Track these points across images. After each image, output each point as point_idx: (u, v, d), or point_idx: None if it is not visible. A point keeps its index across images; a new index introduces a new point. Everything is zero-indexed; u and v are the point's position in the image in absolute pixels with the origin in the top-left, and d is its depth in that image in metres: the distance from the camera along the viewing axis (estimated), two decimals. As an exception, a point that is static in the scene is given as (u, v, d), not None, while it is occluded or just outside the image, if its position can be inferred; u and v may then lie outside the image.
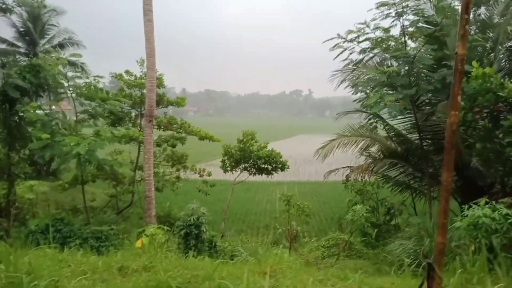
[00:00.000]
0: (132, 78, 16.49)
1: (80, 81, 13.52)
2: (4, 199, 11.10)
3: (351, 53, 11.64)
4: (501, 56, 12.32)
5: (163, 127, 16.90)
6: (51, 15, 29.79)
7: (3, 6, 26.10)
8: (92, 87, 13.48)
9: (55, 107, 15.58)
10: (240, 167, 15.70)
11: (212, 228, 10.51)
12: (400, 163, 13.01)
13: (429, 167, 11.80)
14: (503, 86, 8.05)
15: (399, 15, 11.05)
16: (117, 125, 15.30)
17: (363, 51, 11.75)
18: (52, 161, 24.34)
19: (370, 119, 15.15)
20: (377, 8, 11.20)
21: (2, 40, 27.92)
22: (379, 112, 12.49)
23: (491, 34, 12.61)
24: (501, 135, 8.49)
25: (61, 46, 29.22)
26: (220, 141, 16.92)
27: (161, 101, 16.39)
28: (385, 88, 10.32)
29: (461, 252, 6.13)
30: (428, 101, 12.10)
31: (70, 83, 12.63)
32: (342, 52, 11.56)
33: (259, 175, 16.02)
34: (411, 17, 11.35)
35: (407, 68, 10.10)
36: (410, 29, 11.19)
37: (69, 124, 11.96)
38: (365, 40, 12.08)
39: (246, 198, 25.80)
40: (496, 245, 6.06)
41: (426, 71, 9.99)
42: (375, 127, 15.10)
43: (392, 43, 12.52)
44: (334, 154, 14.55)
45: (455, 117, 3.55)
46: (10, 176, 11.11)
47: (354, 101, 14.57)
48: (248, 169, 15.69)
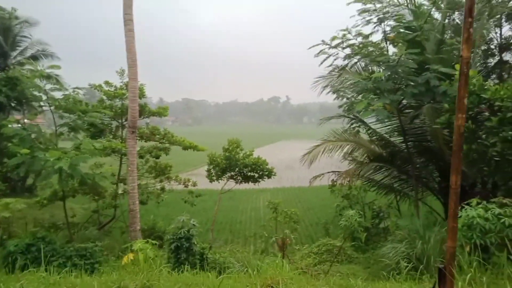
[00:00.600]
0: (112, 89, 16.07)
1: (58, 93, 13.07)
2: (-21, 219, 10.48)
3: (335, 59, 11.74)
4: (478, 59, 12.76)
5: (145, 138, 16.51)
6: (23, 26, 28.81)
7: (-29, 18, 25.20)
8: (71, 99, 13.03)
9: (30, 120, 14.95)
10: (226, 175, 15.49)
11: (199, 240, 10.26)
12: (385, 166, 13.18)
13: (415, 169, 11.99)
14: (485, 88, 8.29)
15: (380, 21, 11.29)
16: (97, 137, 14.82)
17: (347, 57, 11.89)
18: (27, 177, 23.40)
19: (352, 124, 15.35)
20: (359, 14, 11.42)
21: (-30, 52, 26.74)
22: (361, 116, 12.66)
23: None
24: (484, 135, 8.71)
25: (34, 58, 28.24)
26: (205, 150, 16.67)
27: (142, 111, 16.02)
28: (370, 94, 10.44)
29: (457, 253, 6.20)
30: (411, 104, 12.33)
31: (48, 95, 12.17)
32: (327, 58, 11.66)
33: (245, 183, 15.85)
34: (392, 22, 11.63)
35: (391, 73, 10.26)
36: (392, 34, 11.43)
37: (48, 138, 11.45)
38: (348, 46, 12.28)
39: (230, 206, 25.50)
40: (490, 244, 6.16)
41: (410, 75, 10.16)
42: (358, 132, 15.30)
43: (372, 49, 12.76)
44: (317, 160, 14.61)
45: (462, 120, 3.55)
46: (-15, 194, 10.51)
47: (340, 106, 14.71)
48: (234, 177, 15.50)
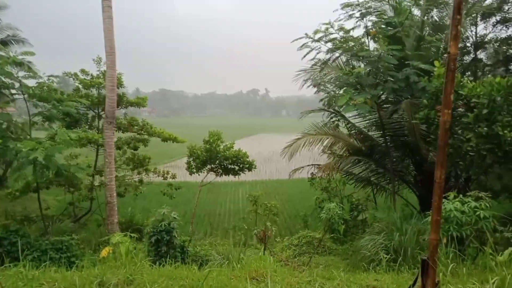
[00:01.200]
0: (88, 78, 15.57)
1: (31, 81, 12.53)
2: None
3: (318, 53, 11.79)
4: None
5: (123, 128, 16.13)
6: (-10, 10, 27.33)
7: None
8: (46, 87, 12.52)
9: (1, 109, 14.30)
10: (207, 168, 15.37)
11: (179, 232, 10.17)
12: (364, 160, 13.43)
13: (392, 163, 12.28)
14: (463, 85, 8.54)
15: (363, 15, 11.39)
16: (73, 127, 14.35)
17: (330, 51, 11.96)
18: (-4, 168, 22.47)
19: (332, 118, 15.53)
20: (342, 8, 11.48)
21: None
22: (343, 111, 12.82)
23: (443, 35, 13.37)
24: (460, 131, 8.99)
25: (4, 43, 26.88)
26: (185, 142, 16.47)
27: (120, 101, 15.61)
28: (351, 88, 10.56)
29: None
30: (389, 99, 12.57)
31: (21, 83, 11.65)
32: (309, 52, 11.69)
33: (226, 175, 15.80)
34: (373, 18, 11.76)
35: (372, 69, 10.40)
36: (373, 30, 11.57)
37: (20, 127, 10.98)
38: (330, 41, 12.35)
39: (209, 199, 25.42)
40: (465, 236, 6.40)
41: (390, 71, 10.34)
42: (338, 126, 15.50)
43: (353, 44, 12.89)
44: (298, 153, 14.73)
45: (448, 116, 3.62)
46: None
47: (321, 100, 14.82)
48: (215, 170, 15.41)
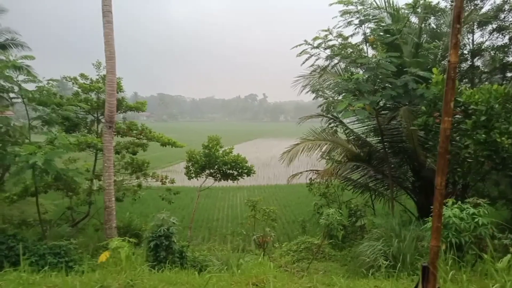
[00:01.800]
0: (88, 82, 15.58)
1: (31, 85, 12.54)
2: None
3: (317, 59, 11.88)
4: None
5: (122, 133, 16.12)
6: (-11, 14, 27.34)
7: None
8: (45, 91, 12.54)
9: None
10: (205, 173, 15.37)
11: (178, 238, 10.16)
12: (362, 165, 13.47)
13: (390, 169, 12.33)
14: (461, 92, 8.62)
15: (361, 23, 11.50)
16: (72, 131, 14.34)
17: (329, 57, 12.05)
18: (-6, 172, 22.35)
19: (330, 123, 15.61)
20: (341, 16, 11.59)
21: None
22: (342, 117, 12.88)
23: (440, 43, 13.50)
24: (458, 137, 9.06)
25: (3, 47, 26.88)
26: (184, 147, 16.48)
27: (119, 106, 15.63)
28: (350, 95, 10.63)
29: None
30: (388, 106, 12.65)
31: (20, 87, 11.67)
32: (309, 58, 11.78)
33: (224, 181, 15.80)
34: (372, 25, 11.87)
35: (371, 75, 10.48)
36: (372, 37, 11.67)
37: (19, 131, 10.98)
38: (328, 47, 12.46)
39: (207, 204, 25.39)
40: (464, 243, 6.43)
41: (389, 77, 10.43)
42: (336, 131, 15.58)
43: (351, 50, 13.00)
44: (296, 158, 14.78)
45: (448, 123, 3.66)
46: (-49, 189, 9.97)
47: (319, 106, 14.89)
48: (214, 175, 15.42)
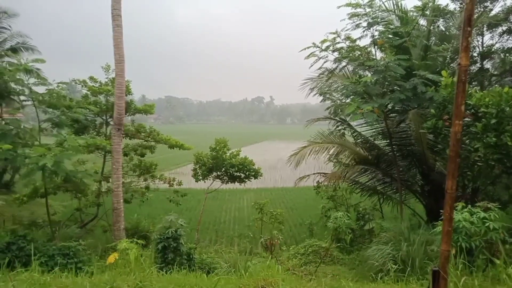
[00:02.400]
0: (97, 85, 15.75)
1: (41, 88, 12.71)
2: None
3: (325, 62, 11.88)
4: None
5: (130, 135, 16.25)
6: (1, 17, 27.79)
7: None
8: (55, 94, 12.70)
9: (11, 115, 14.50)
10: (213, 175, 15.42)
11: (185, 239, 10.19)
12: (370, 169, 13.40)
13: (399, 172, 12.24)
14: (470, 95, 8.55)
15: (370, 25, 11.47)
16: (81, 134, 14.50)
17: (337, 60, 12.04)
18: (4, 173, 22.67)
19: (338, 126, 15.57)
20: (349, 18, 11.57)
21: None
22: (350, 120, 12.85)
23: (449, 45, 13.41)
24: (468, 141, 8.98)
25: (14, 50, 27.30)
26: (191, 149, 16.55)
27: (128, 108, 15.76)
28: (359, 97, 10.61)
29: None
30: (396, 109, 12.59)
31: (31, 90, 11.84)
32: (317, 61, 11.78)
33: (231, 183, 15.83)
34: (380, 27, 11.83)
35: (380, 78, 10.45)
36: (380, 39, 11.64)
37: (29, 133, 11.13)
38: (336, 50, 12.44)
39: (213, 206, 25.41)
40: (474, 248, 6.36)
41: (397, 80, 10.39)
42: (343, 134, 15.53)
43: (359, 53, 12.96)
44: (303, 161, 14.76)
45: (459, 126, 3.64)
46: (-37, 190, 10.12)
47: (327, 109, 14.86)
48: (221, 177, 15.45)
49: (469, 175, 9.13)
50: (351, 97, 11.11)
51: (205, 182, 15.90)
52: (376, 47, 12.72)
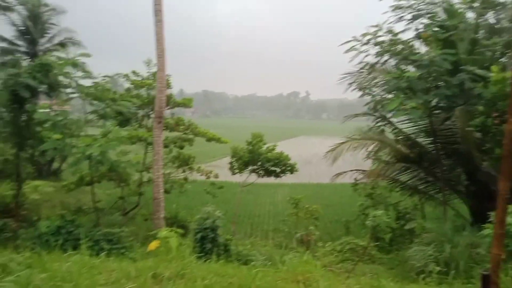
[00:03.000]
0: (139, 79, 16.33)
1: (87, 81, 13.37)
2: (12, 199, 10.90)
3: (366, 56, 11.59)
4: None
5: (170, 128, 16.73)
6: (51, 14, 29.39)
7: (4, 4, 25.90)
8: (100, 87, 13.31)
9: (60, 107, 15.35)
10: (249, 169, 15.57)
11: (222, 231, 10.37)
12: (412, 167, 12.96)
13: (443, 171, 11.76)
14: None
15: (414, 18, 11.05)
16: (124, 125, 15.11)
17: (379, 54, 11.71)
18: (53, 161, 24.11)
19: (378, 122, 15.14)
20: (392, 11, 11.21)
21: (2, 38, 27.54)
22: (393, 116, 12.47)
23: (499, 39, 12.60)
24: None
25: (62, 45, 28.86)
26: (228, 143, 16.79)
27: (168, 102, 16.21)
28: (401, 93, 10.26)
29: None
30: (441, 106, 12.06)
31: (77, 83, 12.49)
32: (357, 55, 11.52)
33: (267, 177, 15.92)
34: (425, 20, 11.37)
35: (424, 73, 10.05)
36: (425, 32, 11.18)
37: (78, 124, 11.77)
38: (377, 44, 12.11)
39: (248, 200, 25.59)
40: (526, 252, 6.00)
41: (443, 75, 9.94)
42: (383, 131, 15.09)
43: (402, 47, 12.53)
44: (342, 157, 14.52)
45: (516, 125, 3.44)
46: (18, 176, 10.91)
47: (366, 104, 14.50)
48: (257, 171, 15.57)
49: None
50: (393, 92, 10.77)
51: (241, 175, 16.09)
52: (420, 40, 12.24)
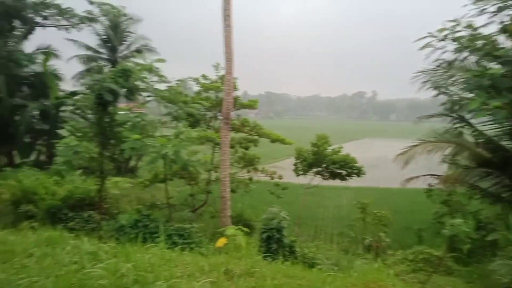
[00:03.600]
0: (208, 82, 17.04)
1: (161, 85, 14.28)
2: (96, 193, 12.01)
3: (443, 53, 10.82)
4: None
5: (236, 129, 17.21)
6: (129, 23, 31.83)
7: (90, 16, 28.71)
8: (173, 91, 14.13)
9: (138, 109, 16.59)
10: (313, 171, 15.41)
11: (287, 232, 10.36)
12: (495, 173, 11.80)
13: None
14: None
15: (500, 9, 10.07)
16: (194, 126, 15.87)
17: (457, 50, 10.87)
18: (130, 159, 26.11)
19: (455, 124, 14.03)
20: (474, 3, 10.33)
21: (87, 47, 30.51)
22: (474, 117, 11.50)
23: None
24: None
25: (138, 51, 31.08)
26: (292, 144, 16.79)
27: (234, 103, 16.69)
28: (484, 92, 9.41)
29: None
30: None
31: (153, 87, 13.37)
32: (433, 52, 10.81)
33: (332, 180, 15.61)
34: (513, 12, 10.30)
35: (510, 69, 9.12)
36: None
37: (154, 125, 12.62)
38: (455, 39, 11.25)
39: (311, 202, 25.26)
40: None
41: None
42: (461, 133, 13.94)
43: (483, 42, 11.47)
44: (413, 161, 13.69)
45: None
46: (102, 172, 11.97)
47: (443, 104, 13.53)
48: (321, 173, 15.35)
49: None
50: (474, 91, 9.91)
51: (305, 177, 15.97)
52: (506, 34, 11.13)
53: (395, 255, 11.09)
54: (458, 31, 11.43)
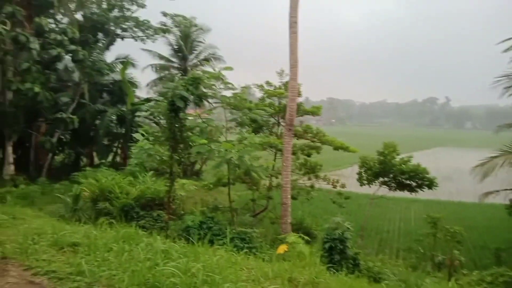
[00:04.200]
0: (272, 89, 17.23)
1: (227, 92, 14.74)
2: (165, 194, 12.71)
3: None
4: None
5: (298, 135, 17.14)
6: (198, 33, 33.44)
7: (164, 28, 30.75)
8: (238, 97, 14.51)
9: (206, 115, 17.31)
10: (379, 180, 14.75)
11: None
12: None
13: None
14: None
15: None
16: (257, 132, 16.14)
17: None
18: (195, 163, 27.32)
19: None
20: None
21: (160, 56, 32.64)
22: None
23: None
24: None
25: (206, 60, 32.50)
26: (357, 152, 16.26)
27: (297, 110, 16.66)
28: None
29: None
30: None
31: (220, 94, 13.85)
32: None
33: (400, 191, 14.80)
34: None
35: None
36: None
37: (220, 131, 13.06)
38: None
39: (376, 213, 24.13)
40: None
41: None
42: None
43: None
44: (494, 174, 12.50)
45: None
46: (171, 174, 12.65)
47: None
48: (388, 183, 14.63)
49: None
50: None
51: (370, 186, 15.35)
52: None
53: (470, 276, 10.13)
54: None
